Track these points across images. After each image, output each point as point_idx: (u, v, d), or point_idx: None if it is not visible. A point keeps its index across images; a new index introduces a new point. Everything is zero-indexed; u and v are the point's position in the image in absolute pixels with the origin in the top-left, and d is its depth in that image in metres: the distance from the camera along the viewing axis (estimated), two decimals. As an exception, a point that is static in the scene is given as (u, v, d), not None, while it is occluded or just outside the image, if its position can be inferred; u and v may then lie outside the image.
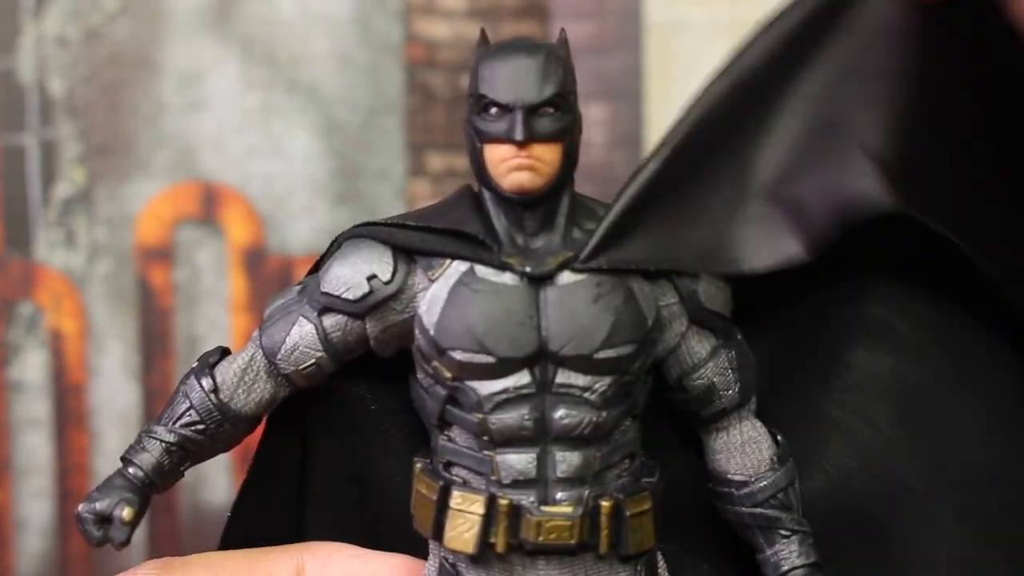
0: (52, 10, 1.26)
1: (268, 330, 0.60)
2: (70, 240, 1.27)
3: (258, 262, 1.28)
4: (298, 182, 1.28)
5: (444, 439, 0.59)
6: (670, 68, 1.23)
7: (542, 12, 1.25)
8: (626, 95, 1.25)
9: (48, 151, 1.26)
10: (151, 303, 1.28)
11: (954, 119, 0.61)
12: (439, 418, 0.59)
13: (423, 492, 0.59)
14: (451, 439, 0.59)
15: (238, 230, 1.28)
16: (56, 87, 1.27)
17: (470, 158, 0.58)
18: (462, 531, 0.58)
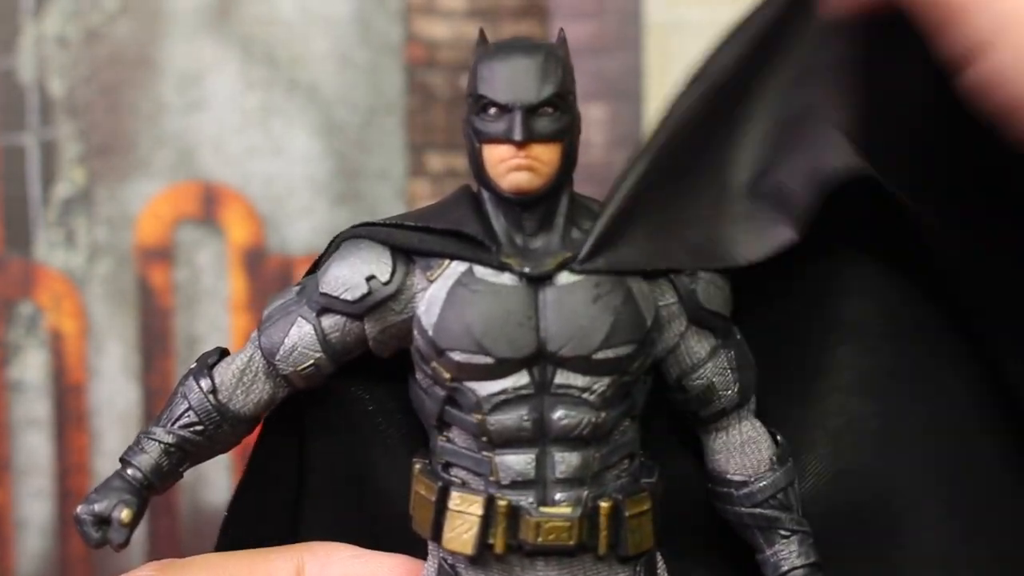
0: (52, 10, 1.26)
1: (267, 331, 0.60)
2: (70, 240, 1.27)
3: (258, 262, 1.28)
4: (298, 182, 1.28)
5: (443, 440, 0.59)
6: (670, 68, 1.23)
7: (542, 12, 1.25)
8: (626, 95, 1.24)
9: (48, 151, 1.26)
10: (151, 303, 1.28)
11: (907, 110, 0.62)
12: (438, 419, 0.59)
13: (422, 493, 0.59)
14: (450, 440, 0.59)
15: (238, 230, 1.28)
16: (56, 87, 1.27)
17: (469, 158, 0.58)
18: (461, 532, 0.58)
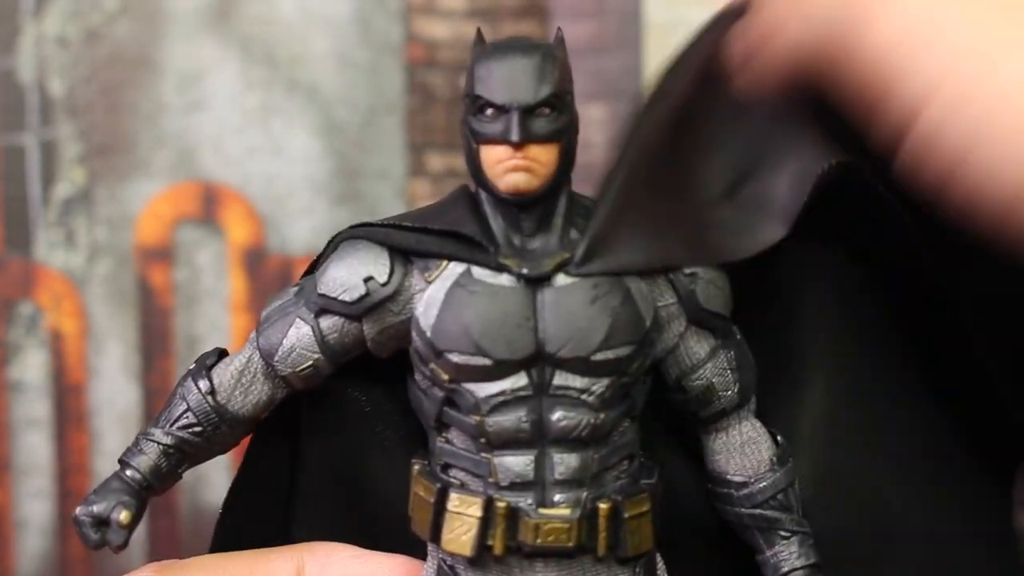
0: (52, 10, 1.26)
1: (265, 331, 0.60)
2: (70, 240, 1.27)
3: (258, 262, 1.28)
4: (298, 182, 1.28)
5: (442, 441, 0.59)
6: (670, 68, 1.22)
7: (542, 12, 1.25)
8: (626, 95, 1.24)
9: (48, 151, 1.26)
10: (151, 303, 1.28)
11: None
12: (436, 420, 0.59)
13: (421, 494, 0.59)
14: (449, 441, 0.59)
15: (238, 230, 1.28)
16: (56, 87, 1.26)
17: (466, 159, 0.57)
18: (459, 533, 0.58)
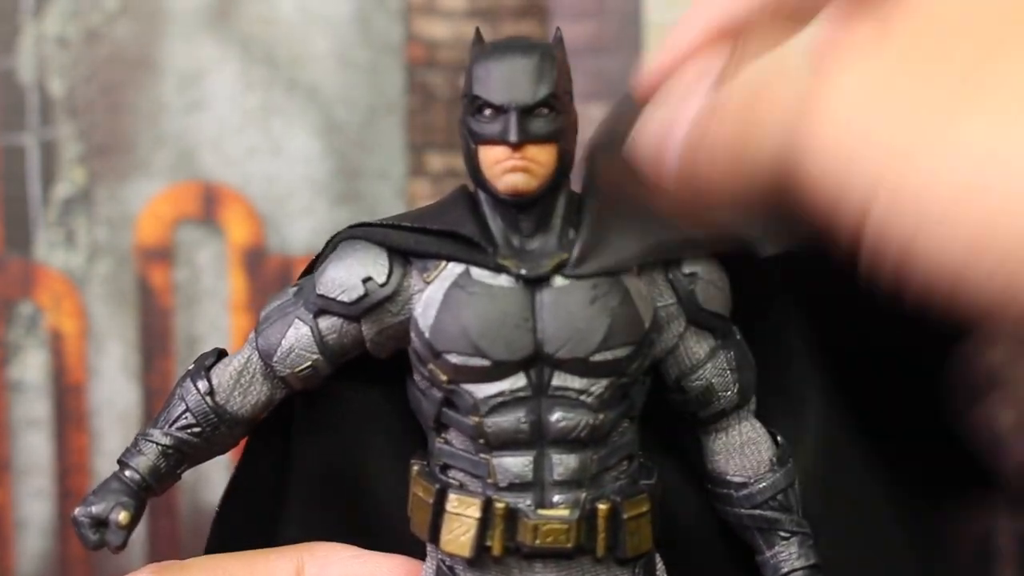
0: (52, 10, 1.26)
1: (264, 332, 0.60)
2: (70, 240, 1.27)
3: (258, 262, 1.28)
4: (298, 182, 1.28)
5: (441, 441, 0.59)
6: (670, 68, 1.22)
7: (542, 12, 1.25)
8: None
9: (48, 151, 1.26)
10: (151, 303, 1.28)
11: None
12: (435, 420, 0.59)
13: (419, 495, 0.59)
14: (447, 442, 0.59)
15: (238, 230, 1.28)
16: (56, 87, 1.26)
17: (465, 159, 0.57)
18: (458, 534, 0.57)
